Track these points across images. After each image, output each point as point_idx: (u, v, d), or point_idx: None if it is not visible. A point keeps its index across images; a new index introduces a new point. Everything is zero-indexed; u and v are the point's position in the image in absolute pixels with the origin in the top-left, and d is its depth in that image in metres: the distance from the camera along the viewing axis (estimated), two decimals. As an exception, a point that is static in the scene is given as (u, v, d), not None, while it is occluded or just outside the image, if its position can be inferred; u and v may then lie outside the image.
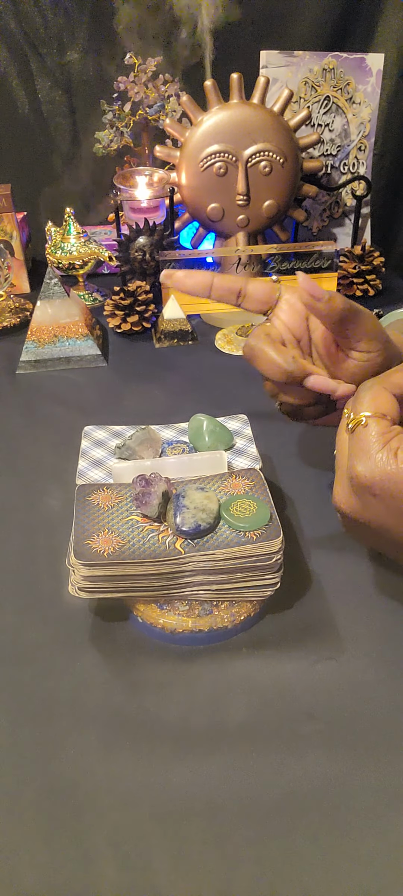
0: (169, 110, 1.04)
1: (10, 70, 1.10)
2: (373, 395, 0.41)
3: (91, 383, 0.81)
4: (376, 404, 0.40)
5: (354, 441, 0.41)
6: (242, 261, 0.94)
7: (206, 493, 0.48)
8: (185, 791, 0.38)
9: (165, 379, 0.82)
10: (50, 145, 1.15)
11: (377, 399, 0.41)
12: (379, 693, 0.43)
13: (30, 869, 0.35)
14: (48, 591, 0.51)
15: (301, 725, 0.42)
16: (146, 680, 0.45)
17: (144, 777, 0.39)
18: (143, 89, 1.03)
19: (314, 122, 1.03)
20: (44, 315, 0.83)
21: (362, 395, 0.42)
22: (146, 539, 0.46)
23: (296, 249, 0.92)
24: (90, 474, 0.58)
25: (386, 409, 0.40)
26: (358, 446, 0.40)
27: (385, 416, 0.40)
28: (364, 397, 0.41)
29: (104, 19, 1.07)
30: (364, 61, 1.00)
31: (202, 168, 0.91)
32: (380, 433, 0.39)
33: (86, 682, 0.45)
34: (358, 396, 0.42)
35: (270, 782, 0.39)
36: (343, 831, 0.36)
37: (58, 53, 1.09)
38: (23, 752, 0.41)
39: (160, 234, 0.94)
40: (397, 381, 0.42)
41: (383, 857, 0.35)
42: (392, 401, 0.41)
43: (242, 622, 0.47)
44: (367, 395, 0.41)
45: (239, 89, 0.90)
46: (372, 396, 0.41)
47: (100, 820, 0.37)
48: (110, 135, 1.06)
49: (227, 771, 0.39)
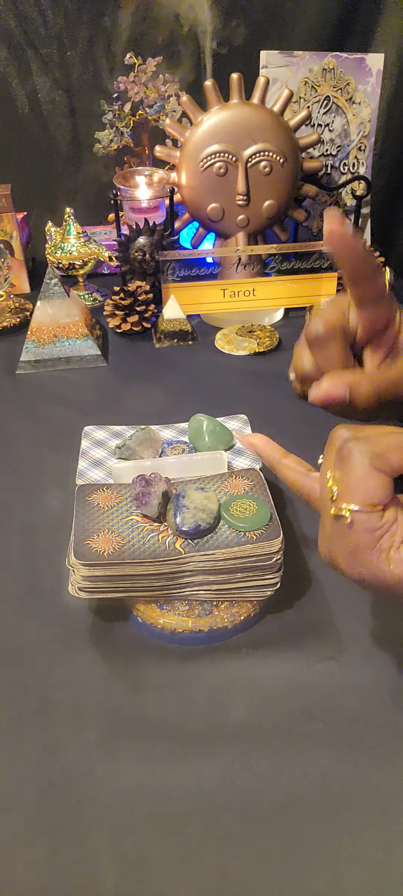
0: (169, 110, 1.04)
1: (10, 70, 1.10)
2: (362, 480, 0.33)
3: (91, 383, 0.81)
4: (364, 493, 0.33)
5: (338, 533, 0.35)
6: (242, 261, 0.94)
7: (206, 493, 0.48)
8: (185, 791, 0.38)
9: (165, 379, 0.82)
10: (50, 145, 1.15)
11: (366, 485, 0.33)
12: (379, 693, 0.43)
13: (30, 869, 0.35)
14: (48, 591, 0.51)
15: (301, 725, 0.42)
16: (146, 680, 0.45)
17: (144, 777, 0.39)
18: (143, 89, 1.03)
19: (314, 122, 1.03)
20: (44, 315, 0.83)
21: (348, 475, 0.34)
22: (146, 539, 0.46)
23: (296, 249, 0.92)
24: (90, 474, 0.58)
25: (377, 497, 0.33)
26: (344, 543, 0.34)
27: (374, 507, 0.33)
28: (350, 482, 0.34)
29: (104, 19, 1.07)
30: (364, 61, 1.00)
31: (202, 168, 0.91)
32: (370, 531, 0.33)
33: (86, 682, 0.45)
34: (345, 474, 0.34)
35: (270, 782, 0.39)
36: (343, 831, 0.36)
37: (58, 53, 1.09)
38: (23, 752, 0.41)
39: (160, 234, 0.94)
40: (392, 460, 0.34)
41: (383, 857, 0.35)
42: (384, 482, 0.33)
43: (242, 622, 0.47)
44: (354, 479, 0.34)
45: (239, 89, 0.90)
46: (361, 482, 0.33)
47: (100, 820, 0.37)
48: (110, 135, 1.06)
49: (227, 771, 0.39)
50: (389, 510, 0.34)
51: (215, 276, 0.93)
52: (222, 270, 0.95)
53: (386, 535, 0.33)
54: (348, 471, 0.34)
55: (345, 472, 0.34)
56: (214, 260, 0.93)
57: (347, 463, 0.34)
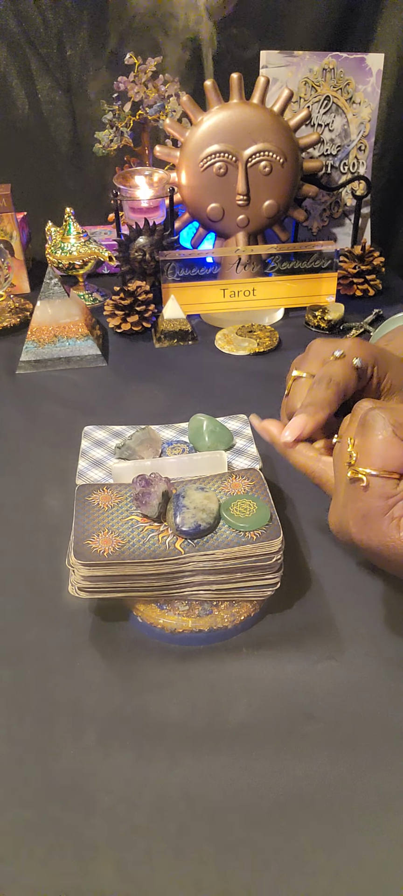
0: (169, 110, 1.04)
1: (10, 70, 1.10)
2: (383, 445, 0.34)
3: (91, 383, 0.81)
4: (384, 458, 0.34)
5: (352, 496, 0.35)
6: (242, 261, 0.94)
7: (206, 493, 0.48)
8: (185, 791, 0.38)
9: (165, 379, 0.82)
10: (50, 145, 1.15)
11: (386, 452, 0.34)
12: (379, 693, 0.43)
13: (30, 869, 0.35)
14: (48, 591, 0.51)
15: (301, 725, 0.42)
16: (146, 680, 0.45)
17: (144, 777, 0.39)
18: (143, 89, 1.03)
19: (314, 122, 1.03)
20: (44, 315, 0.83)
21: (369, 440, 0.35)
22: (146, 539, 0.46)
23: (296, 249, 0.92)
24: (90, 474, 0.58)
25: (395, 465, 0.34)
26: (357, 506, 0.35)
27: (391, 474, 0.34)
28: (371, 446, 0.34)
29: (104, 19, 1.07)
30: (364, 61, 1.00)
31: (202, 168, 0.91)
32: (384, 497, 0.34)
33: (86, 682, 0.45)
34: (366, 439, 0.35)
35: (270, 782, 0.39)
36: (343, 831, 0.36)
37: (58, 53, 1.09)
38: (23, 752, 0.41)
39: (160, 234, 0.94)
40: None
41: (383, 857, 0.35)
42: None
43: (242, 622, 0.47)
44: (375, 443, 0.34)
45: (239, 89, 0.90)
46: (381, 447, 0.34)
47: (100, 820, 0.37)
48: (110, 135, 1.06)
49: (227, 771, 0.39)
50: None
51: (215, 276, 0.93)
52: (222, 270, 0.95)
53: (400, 504, 0.34)
54: (370, 436, 0.35)
55: (367, 437, 0.35)
56: (214, 260, 0.93)
57: (370, 429, 0.35)
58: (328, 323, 0.90)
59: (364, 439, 0.35)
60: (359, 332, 0.90)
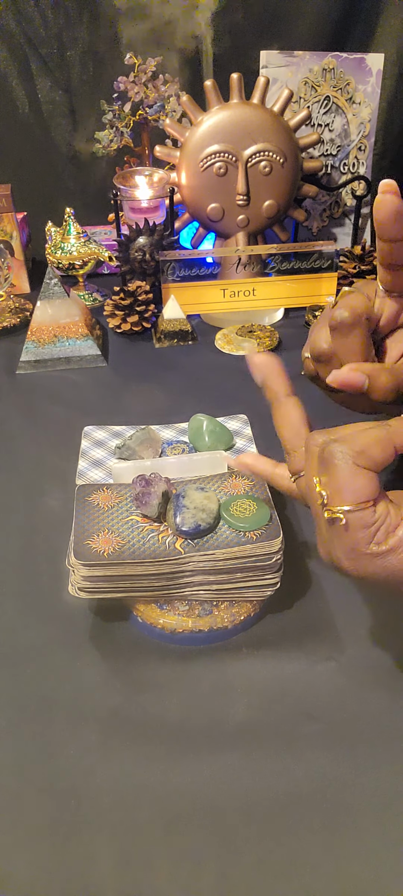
0: (169, 110, 1.04)
1: (10, 70, 1.10)
2: (349, 480, 0.33)
3: (91, 383, 0.81)
4: (353, 493, 0.33)
5: (336, 535, 0.35)
6: (242, 261, 0.94)
7: (206, 493, 0.48)
8: (185, 791, 0.38)
9: (165, 379, 0.82)
10: (50, 145, 1.15)
11: (354, 485, 0.33)
12: (379, 693, 0.43)
13: (30, 869, 0.35)
14: (48, 591, 0.51)
15: (301, 725, 0.42)
16: (146, 680, 0.45)
17: (144, 777, 0.39)
18: (143, 89, 1.03)
19: (314, 122, 1.03)
20: (44, 315, 0.83)
21: (335, 478, 0.34)
22: (146, 539, 0.46)
23: (296, 249, 0.92)
24: (90, 474, 0.58)
25: (366, 494, 0.33)
26: (343, 543, 0.34)
27: (365, 503, 0.33)
28: (338, 484, 0.34)
29: (104, 19, 1.07)
30: (364, 61, 1.00)
31: (202, 168, 0.91)
32: (365, 528, 0.33)
33: (86, 682, 0.45)
34: (331, 477, 0.34)
35: (270, 782, 0.39)
36: (343, 831, 0.36)
37: (58, 53, 1.09)
38: (23, 752, 0.41)
39: (160, 234, 0.94)
40: (374, 455, 0.34)
41: (383, 857, 0.35)
42: (370, 478, 0.34)
43: (242, 622, 0.47)
44: (341, 481, 0.34)
45: (239, 89, 0.90)
46: (348, 483, 0.33)
47: (100, 820, 0.37)
48: (110, 135, 1.06)
49: (227, 771, 0.39)
50: (380, 504, 0.34)
51: (215, 276, 0.93)
52: (222, 270, 0.95)
53: (382, 528, 0.34)
54: (333, 473, 0.34)
55: (331, 475, 0.34)
56: (214, 260, 0.93)
57: (331, 465, 0.34)
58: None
59: (329, 478, 0.34)
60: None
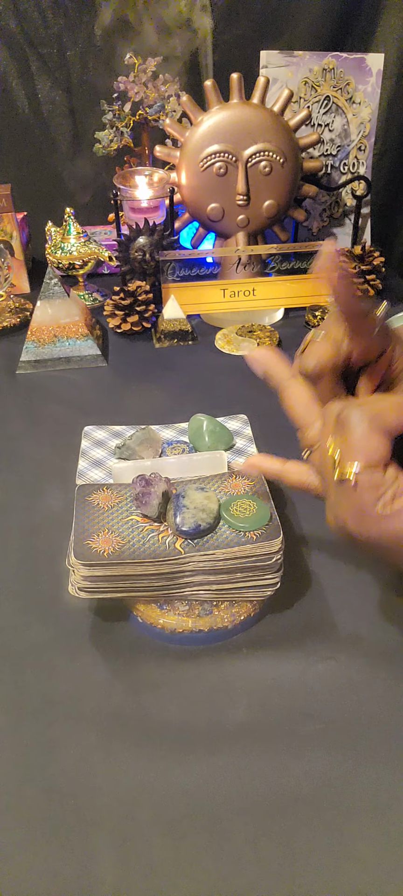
0: (169, 110, 1.04)
1: (10, 70, 1.10)
2: (363, 440, 0.34)
3: (91, 383, 0.81)
4: (366, 453, 0.34)
5: (343, 496, 0.35)
6: (242, 261, 0.94)
7: (206, 493, 0.48)
8: (185, 791, 0.38)
9: (165, 379, 0.82)
10: (50, 145, 1.15)
11: (367, 445, 0.34)
12: (379, 693, 0.43)
13: (30, 869, 0.35)
14: (48, 591, 0.51)
15: (301, 725, 0.42)
16: (146, 680, 0.45)
17: (144, 777, 0.39)
18: (143, 89, 1.03)
19: (314, 122, 1.03)
20: (44, 315, 0.83)
21: (349, 438, 0.35)
22: (146, 539, 0.46)
23: (296, 249, 0.92)
24: (90, 474, 0.58)
25: (378, 456, 0.34)
26: (349, 504, 0.35)
27: (376, 465, 0.34)
28: (351, 443, 0.35)
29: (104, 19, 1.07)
30: (364, 61, 1.00)
31: (202, 168, 0.91)
32: (373, 489, 0.34)
33: (86, 682, 0.45)
34: (345, 437, 0.35)
35: (270, 782, 0.39)
36: (343, 831, 0.36)
37: (58, 53, 1.09)
38: (23, 752, 0.41)
39: (160, 234, 0.94)
40: (389, 419, 0.35)
41: (383, 857, 0.35)
42: (383, 441, 0.34)
43: (242, 622, 0.47)
44: (355, 440, 0.34)
45: (239, 89, 0.90)
46: (362, 442, 0.34)
47: (100, 820, 0.37)
48: (110, 135, 1.06)
49: (227, 771, 0.39)
50: (390, 468, 0.34)
51: (215, 276, 0.93)
52: (222, 270, 0.95)
53: (389, 492, 0.34)
54: (348, 433, 0.35)
55: (346, 435, 0.35)
56: (214, 260, 0.93)
57: (347, 426, 0.35)
58: (328, 323, 0.90)
59: (343, 438, 0.35)
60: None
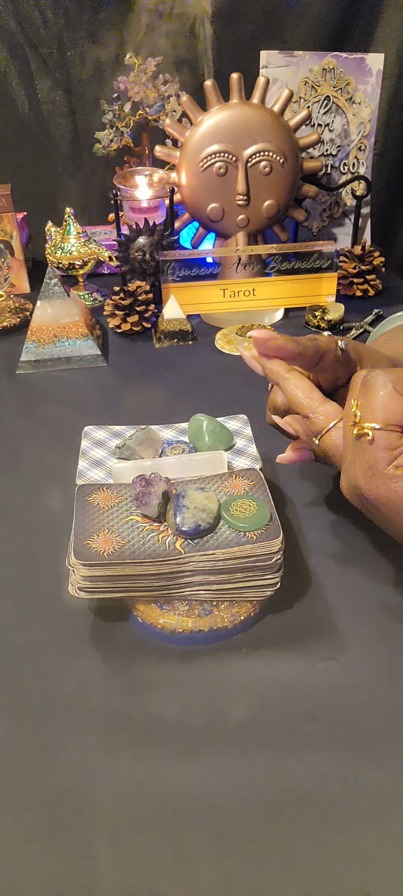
0: (169, 110, 1.04)
1: (10, 70, 1.10)
2: (385, 401, 0.36)
3: (91, 383, 0.81)
4: (386, 413, 0.36)
5: (359, 451, 0.37)
6: (242, 261, 0.94)
7: (206, 493, 0.48)
8: (185, 791, 0.38)
9: (165, 379, 0.82)
10: (50, 145, 1.15)
11: (388, 406, 0.36)
12: (379, 693, 0.43)
13: (30, 869, 0.35)
14: (48, 591, 0.51)
15: (301, 725, 0.42)
16: (146, 680, 0.45)
17: (144, 777, 0.39)
18: (143, 89, 1.03)
19: (314, 122, 1.03)
20: (44, 315, 0.83)
21: (372, 397, 0.37)
22: (146, 539, 0.46)
23: (296, 249, 0.92)
24: (90, 474, 0.58)
25: (397, 418, 0.36)
26: (363, 459, 0.37)
27: (395, 427, 0.36)
28: (373, 402, 0.37)
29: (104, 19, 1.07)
30: (364, 61, 1.00)
31: (202, 168, 0.91)
32: (388, 449, 0.36)
33: (86, 682, 0.45)
34: (368, 398, 0.37)
35: (270, 782, 0.39)
36: (343, 831, 0.36)
37: (58, 53, 1.09)
38: (23, 752, 0.41)
39: (160, 234, 0.94)
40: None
41: (383, 857, 0.35)
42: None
43: (242, 622, 0.47)
44: (378, 400, 0.37)
45: (239, 89, 0.90)
46: (383, 403, 0.36)
47: (100, 820, 0.37)
48: (110, 135, 1.06)
49: (227, 771, 0.39)
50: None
51: (215, 276, 0.93)
52: (222, 270, 0.95)
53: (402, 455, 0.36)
54: (372, 393, 0.37)
55: (369, 395, 0.37)
56: (214, 260, 0.93)
57: (371, 387, 0.37)
58: (328, 323, 0.90)
59: (366, 398, 0.37)
60: (359, 333, 0.90)
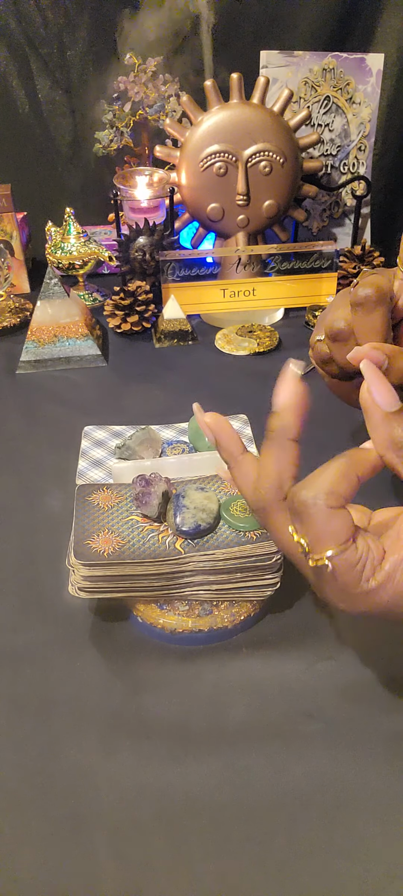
0: (169, 110, 1.04)
1: (10, 70, 1.10)
2: (326, 524, 0.32)
3: (91, 383, 0.81)
4: (332, 535, 0.32)
5: (325, 581, 0.34)
6: (242, 261, 0.94)
7: (206, 493, 0.48)
8: (185, 791, 0.38)
9: (165, 379, 0.82)
10: (50, 145, 1.15)
11: (330, 528, 0.32)
12: (379, 693, 0.43)
13: (30, 868, 0.35)
14: (48, 591, 0.51)
15: (301, 725, 0.42)
16: (146, 680, 0.45)
17: (144, 777, 0.39)
18: (143, 89, 1.03)
19: (314, 122, 1.03)
20: (44, 315, 0.83)
21: (312, 525, 0.33)
22: (146, 539, 0.46)
23: (296, 249, 0.92)
24: (90, 474, 0.58)
25: (346, 533, 0.32)
26: (334, 588, 0.33)
27: (347, 542, 0.32)
28: (316, 530, 0.32)
29: (104, 19, 1.07)
30: (364, 61, 1.00)
31: (202, 168, 0.91)
32: (352, 567, 0.32)
33: (86, 682, 0.45)
34: (308, 526, 0.33)
35: (270, 782, 0.39)
36: (343, 831, 0.36)
37: (58, 53, 1.09)
38: (23, 752, 0.41)
39: (160, 234, 0.94)
40: (342, 490, 0.33)
41: (383, 857, 0.35)
42: (344, 515, 0.33)
43: (242, 622, 0.47)
44: (318, 526, 0.32)
45: (239, 89, 0.90)
46: (325, 527, 0.32)
47: (100, 820, 0.37)
48: (110, 135, 1.06)
49: (227, 771, 0.39)
50: (359, 538, 0.33)
51: (215, 276, 0.93)
52: (222, 270, 0.95)
53: (368, 564, 0.32)
54: (310, 521, 0.33)
55: (307, 523, 0.33)
56: (214, 260, 0.93)
57: (305, 514, 0.33)
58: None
59: (307, 528, 0.33)
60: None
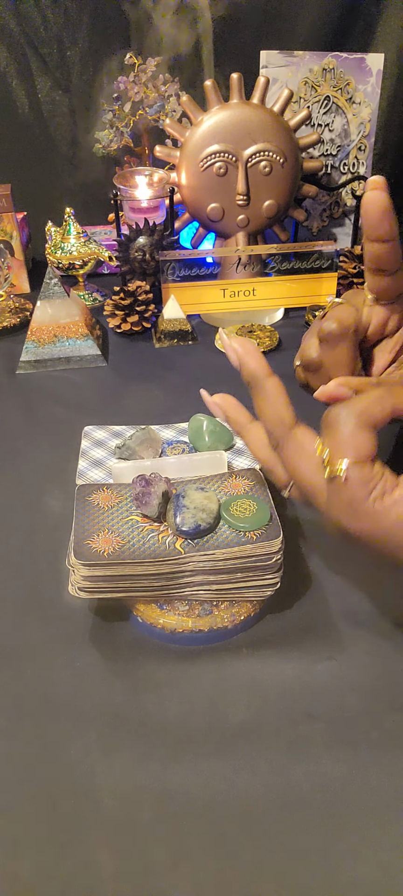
0: (169, 110, 1.04)
1: (10, 70, 1.10)
2: (351, 437, 0.35)
3: (91, 383, 0.81)
4: (354, 448, 0.35)
5: (334, 493, 0.36)
6: (242, 261, 0.94)
7: (206, 493, 0.48)
8: (185, 791, 0.38)
9: (165, 379, 0.82)
10: (50, 145, 1.15)
11: (355, 441, 0.35)
12: (379, 693, 0.43)
13: (30, 868, 0.35)
14: (48, 591, 0.51)
15: (301, 725, 0.42)
16: (146, 680, 0.45)
17: (144, 777, 0.39)
18: (143, 89, 1.03)
19: (314, 122, 1.03)
20: (44, 315, 0.83)
21: (337, 436, 0.35)
22: (146, 539, 0.46)
23: (296, 249, 0.92)
24: (90, 474, 0.58)
25: (367, 450, 0.35)
26: (341, 499, 0.35)
27: (365, 459, 0.35)
28: (340, 441, 0.35)
29: (104, 19, 1.07)
30: (364, 61, 1.00)
31: (202, 168, 0.91)
32: (364, 483, 0.34)
33: (86, 682, 0.45)
34: (333, 437, 0.36)
35: (270, 782, 0.39)
36: (343, 831, 0.36)
37: (58, 53, 1.09)
38: (23, 752, 0.41)
39: (160, 234, 0.94)
40: (374, 414, 0.35)
41: (383, 857, 0.35)
42: (372, 438, 0.35)
43: (242, 622, 0.47)
44: (343, 437, 0.35)
45: (239, 89, 0.90)
46: (350, 439, 0.35)
47: (100, 820, 0.37)
48: (110, 135, 1.06)
49: (227, 771, 0.39)
50: (377, 463, 0.35)
51: (215, 276, 0.93)
52: (222, 270, 0.95)
53: (379, 484, 0.35)
54: (336, 431, 0.36)
55: (334, 433, 0.36)
56: (214, 260, 0.93)
57: (335, 425, 0.36)
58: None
59: (331, 437, 0.36)
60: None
